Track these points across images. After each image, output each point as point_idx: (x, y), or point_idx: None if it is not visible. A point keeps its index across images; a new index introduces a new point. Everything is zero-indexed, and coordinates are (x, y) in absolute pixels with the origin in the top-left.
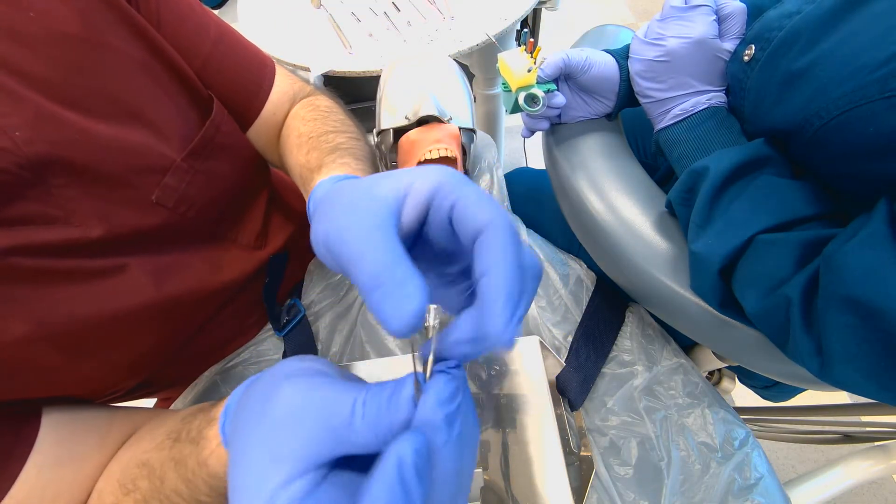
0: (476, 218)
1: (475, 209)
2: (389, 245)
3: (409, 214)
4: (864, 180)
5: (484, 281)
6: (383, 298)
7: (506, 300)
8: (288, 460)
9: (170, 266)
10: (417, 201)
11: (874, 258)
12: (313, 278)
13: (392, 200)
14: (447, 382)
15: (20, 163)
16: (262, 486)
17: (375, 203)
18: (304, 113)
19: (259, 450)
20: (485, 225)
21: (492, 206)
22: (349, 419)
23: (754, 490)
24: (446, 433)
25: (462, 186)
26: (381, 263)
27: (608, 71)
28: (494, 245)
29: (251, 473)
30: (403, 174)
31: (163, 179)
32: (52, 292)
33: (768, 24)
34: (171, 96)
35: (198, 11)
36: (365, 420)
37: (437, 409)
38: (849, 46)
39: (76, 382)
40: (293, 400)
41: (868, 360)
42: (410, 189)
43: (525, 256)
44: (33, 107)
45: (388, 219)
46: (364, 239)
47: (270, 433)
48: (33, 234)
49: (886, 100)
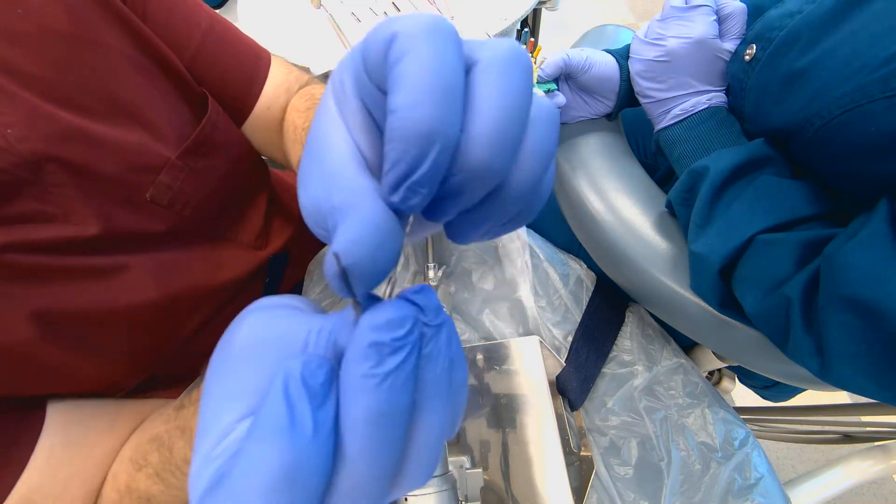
0: (377, 45)
1: (376, 40)
2: (345, 179)
3: (359, 138)
4: (865, 180)
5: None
6: (339, 227)
7: (396, 157)
8: (243, 395)
9: (170, 264)
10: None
11: (874, 258)
12: (313, 278)
13: (331, 128)
14: (390, 305)
15: (15, 161)
16: (217, 422)
17: (318, 144)
18: (300, 104)
19: (218, 387)
20: (388, 42)
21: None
22: (303, 351)
23: (754, 490)
24: (368, 366)
25: (369, 35)
26: (342, 202)
27: (608, 71)
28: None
29: (208, 410)
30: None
31: (157, 177)
32: (51, 290)
33: (769, 23)
34: (163, 94)
35: (188, 2)
36: (314, 349)
37: (366, 332)
38: (850, 46)
39: (78, 380)
40: (251, 333)
41: (868, 359)
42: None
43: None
44: (26, 105)
45: (338, 152)
46: (323, 187)
47: (229, 369)
48: (31, 231)
49: (888, 99)
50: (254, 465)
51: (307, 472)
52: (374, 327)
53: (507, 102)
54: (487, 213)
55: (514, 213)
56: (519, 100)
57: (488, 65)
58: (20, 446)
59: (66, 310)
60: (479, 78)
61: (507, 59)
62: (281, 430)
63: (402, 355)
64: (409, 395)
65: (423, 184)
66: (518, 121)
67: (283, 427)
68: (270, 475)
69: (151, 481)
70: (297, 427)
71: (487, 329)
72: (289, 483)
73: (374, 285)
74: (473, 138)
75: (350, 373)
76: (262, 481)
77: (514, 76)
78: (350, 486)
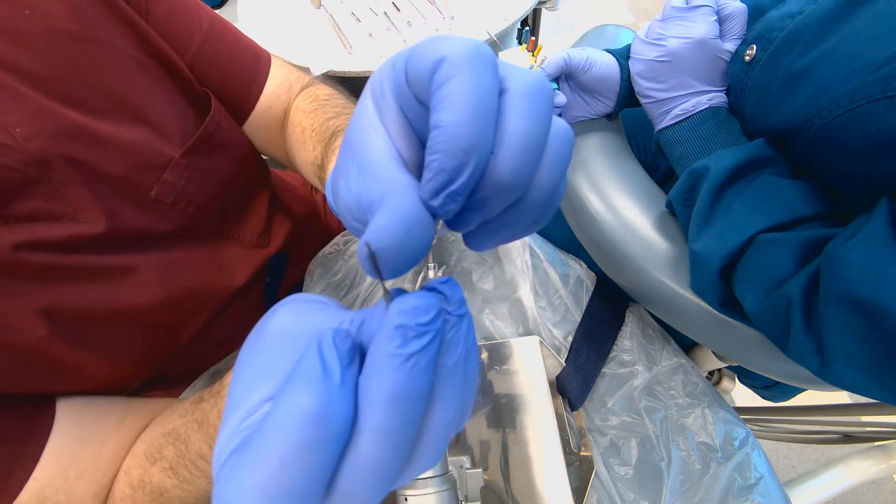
0: (424, 64)
1: (425, 53)
2: (387, 176)
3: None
4: (865, 180)
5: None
6: (376, 214)
7: (438, 167)
8: (273, 377)
9: (176, 264)
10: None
11: (874, 257)
12: (314, 278)
13: (372, 132)
14: (418, 293)
15: (23, 159)
16: (246, 400)
17: (359, 146)
18: (305, 105)
19: (249, 368)
20: (436, 64)
21: (448, 42)
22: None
23: (754, 490)
24: (394, 346)
25: (413, 50)
26: (383, 189)
27: (609, 71)
28: (446, 88)
29: (238, 389)
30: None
31: (161, 176)
32: (61, 289)
33: (770, 24)
34: (167, 93)
35: (188, 2)
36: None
37: (394, 315)
38: (850, 46)
39: (88, 378)
40: (285, 321)
41: (868, 358)
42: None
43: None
44: (32, 104)
45: (379, 152)
46: (366, 183)
47: (261, 353)
48: (41, 230)
49: (888, 99)
50: (288, 405)
51: (334, 419)
52: (401, 311)
53: (532, 127)
54: (505, 223)
55: (530, 222)
56: (542, 125)
57: (518, 93)
58: (32, 442)
59: (76, 309)
60: (510, 104)
61: (534, 89)
62: (314, 377)
63: (426, 339)
64: (428, 379)
65: (460, 192)
66: (540, 143)
67: (316, 375)
68: (302, 415)
69: (165, 475)
70: (328, 375)
71: (487, 329)
72: (318, 425)
73: (402, 271)
74: (502, 158)
75: (376, 351)
76: (295, 420)
77: (540, 104)
78: (362, 463)
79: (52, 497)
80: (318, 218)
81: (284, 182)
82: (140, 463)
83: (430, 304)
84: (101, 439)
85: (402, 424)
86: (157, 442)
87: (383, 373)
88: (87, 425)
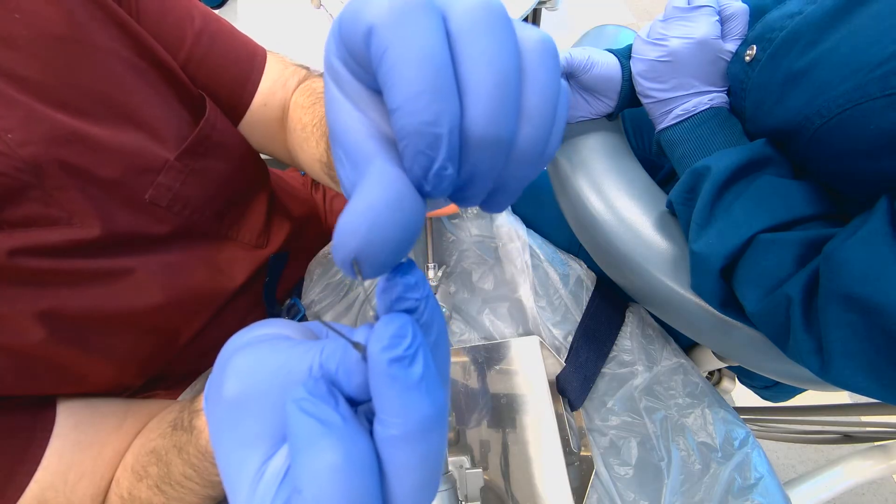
0: (356, 38)
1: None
2: (366, 155)
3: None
4: (865, 179)
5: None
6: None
7: (414, 152)
8: (259, 440)
9: (173, 267)
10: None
11: (874, 255)
12: (313, 278)
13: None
14: (387, 322)
15: (17, 165)
16: (244, 472)
17: (343, 130)
18: (303, 100)
19: (229, 441)
20: (366, 36)
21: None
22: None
23: (754, 490)
24: (395, 379)
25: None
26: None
27: (610, 70)
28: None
29: (229, 466)
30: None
31: (156, 179)
32: (59, 293)
33: (770, 24)
34: (160, 96)
35: (180, 1)
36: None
37: (380, 354)
38: (849, 45)
39: (87, 381)
40: (242, 380)
41: (868, 357)
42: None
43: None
44: (24, 109)
45: (360, 135)
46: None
47: (235, 417)
48: (37, 235)
49: (887, 98)
50: (314, 470)
51: (360, 453)
52: (383, 349)
53: (496, 69)
54: (509, 180)
55: (536, 166)
56: (507, 62)
57: (467, 31)
58: (34, 445)
59: (74, 312)
60: (463, 50)
61: (483, 19)
62: (317, 434)
63: (420, 359)
64: (433, 371)
65: (446, 166)
66: (511, 84)
67: (317, 431)
68: (334, 468)
69: (152, 492)
70: (329, 425)
71: (487, 329)
72: (352, 468)
73: (385, 270)
74: (473, 119)
75: (386, 397)
76: (331, 478)
77: (496, 36)
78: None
79: (52, 500)
80: (318, 217)
81: (284, 181)
82: (128, 476)
83: (404, 324)
84: (100, 443)
85: (439, 452)
86: (142, 460)
87: (410, 411)
88: (87, 429)
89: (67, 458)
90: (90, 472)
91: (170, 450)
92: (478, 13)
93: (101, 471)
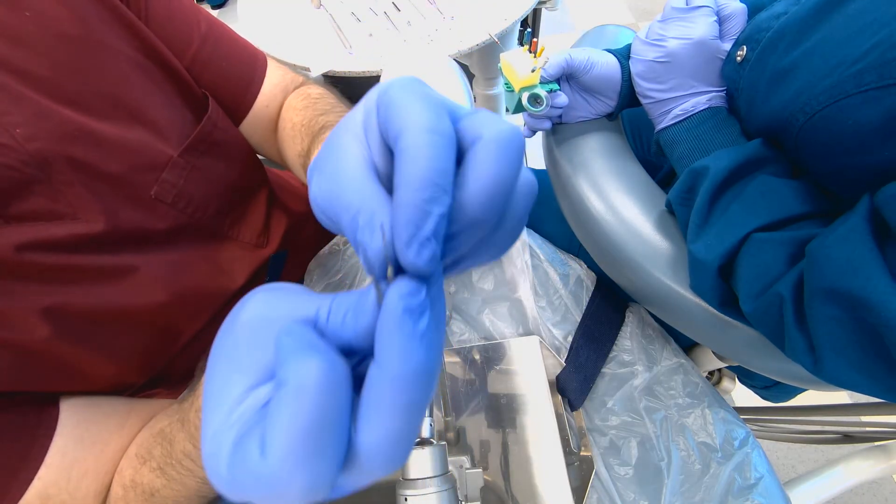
0: (391, 125)
1: (390, 114)
2: (360, 184)
3: (375, 151)
4: (849, 177)
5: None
6: (362, 233)
7: (406, 221)
8: (251, 368)
9: (176, 265)
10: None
11: (852, 252)
12: (313, 278)
13: (354, 141)
14: (410, 278)
15: (24, 159)
16: (226, 395)
17: (341, 150)
18: (297, 103)
19: (223, 363)
20: (397, 132)
21: (411, 103)
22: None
23: (754, 490)
24: (402, 325)
25: (386, 93)
26: (356, 202)
27: (610, 71)
28: (400, 155)
29: (214, 386)
30: (355, 110)
31: (161, 175)
32: (64, 289)
33: (758, 25)
34: (165, 94)
35: (186, 5)
36: (329, 324)
37: (398, 300)
38: (828, 44)
39: (91, 378)
40: (256, 310)
41: (855, 351)
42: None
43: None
44: (32, 105)
45: (356, 161)
46: (339, 186)
47: (235, 345)
48: (44, 229)
49: (862, 94)
50: (300, 369)
51: (341, 371)
52: (401, 296)
53: (502, 176)
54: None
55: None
56: (511, 175)
57: (490, 143)
58: (37, 443)
59: (78, 309)
60: (479, 155)
61: (506, 140)
62: (304, 345)
63: (427, 317)
64: (437, 343)
65: (430, 237)
66: (508, 190)
67: (305, 345)
68: (319, 369)
69: (154, 475)
70: (315, 345)
71: (487, 329)
72: (334, 376)
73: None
74: (469, 203)
75: (392, 338)
76: (316, 377)
77: (511, 153)
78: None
79: (55, 497)
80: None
81: (283, 181)
82: (132, 463)
83: (421, 284)
84: (103, 440)
85: (423, 403)
86: (147, 443)
87: (410, 356)
88: (90, 426)
89: (71, 456)
90: (93, 469)
91: (174, 424)
92: (505, 133)
93: (105, 468)
